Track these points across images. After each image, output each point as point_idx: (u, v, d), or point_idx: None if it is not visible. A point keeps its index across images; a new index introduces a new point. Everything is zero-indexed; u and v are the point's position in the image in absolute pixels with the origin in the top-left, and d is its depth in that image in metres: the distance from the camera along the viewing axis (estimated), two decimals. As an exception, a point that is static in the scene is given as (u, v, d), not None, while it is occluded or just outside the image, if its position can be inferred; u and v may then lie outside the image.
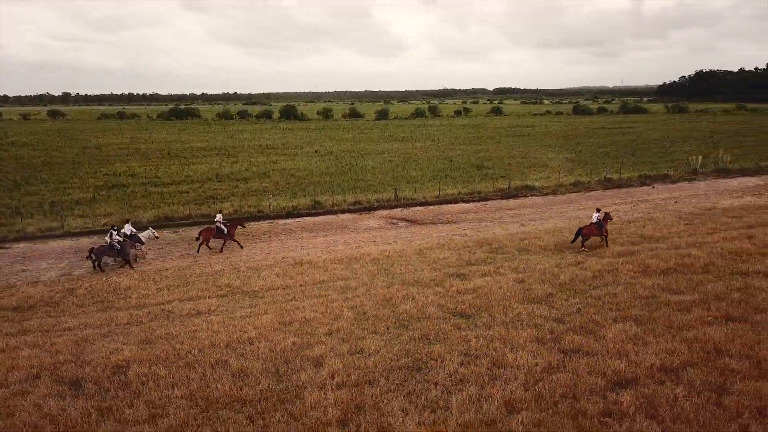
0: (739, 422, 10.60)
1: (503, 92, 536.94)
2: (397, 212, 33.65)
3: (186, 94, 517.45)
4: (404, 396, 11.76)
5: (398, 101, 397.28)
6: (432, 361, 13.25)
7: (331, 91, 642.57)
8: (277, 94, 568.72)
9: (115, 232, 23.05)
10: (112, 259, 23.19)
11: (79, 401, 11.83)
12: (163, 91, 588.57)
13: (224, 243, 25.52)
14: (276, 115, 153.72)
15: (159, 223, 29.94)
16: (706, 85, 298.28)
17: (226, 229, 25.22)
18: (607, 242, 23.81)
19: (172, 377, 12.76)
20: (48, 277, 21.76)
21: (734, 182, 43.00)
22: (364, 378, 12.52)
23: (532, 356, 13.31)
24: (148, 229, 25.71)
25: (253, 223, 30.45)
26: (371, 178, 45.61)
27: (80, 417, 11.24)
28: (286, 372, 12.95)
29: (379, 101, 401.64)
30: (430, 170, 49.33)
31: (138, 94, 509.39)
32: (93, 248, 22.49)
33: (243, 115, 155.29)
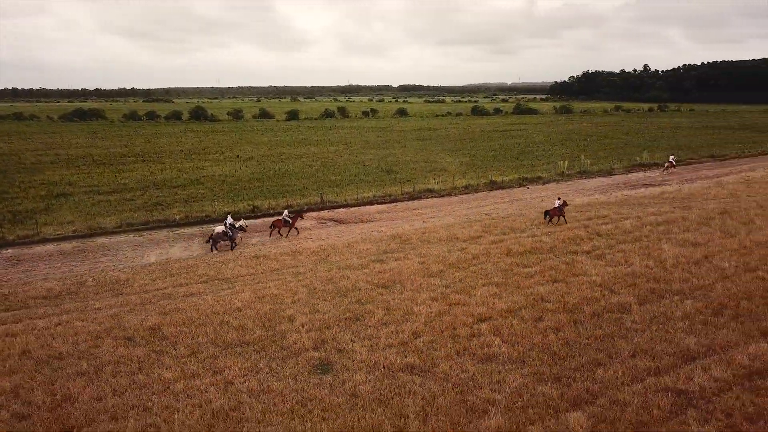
0: (544, 333, 18.65)
1: (408, 89, 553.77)
2: (325, 214, 40.65)
3: (78, 90, 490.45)
4: (350, 333, 18.89)
5: (305, 98, 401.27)
6: (366, 314, 20.44)
7: (234, 86, 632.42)
8: (178, 89, 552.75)
9: (228, 221, 30.54)
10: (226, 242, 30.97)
11: (138, 348, 17.99)
12: (52, 86, 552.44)
13: (289, 230, 34.06)
14: (186, 116, 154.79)
15: (122, 229, 35.07)
16: (592, 85, 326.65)
17: (290, 220, 33.91)
18: (565, 220, 34.45)
19: (194, 332, 19.13)
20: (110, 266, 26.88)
21: (591, 182, 53.56)
22: (323, 326, 19.51)
23: (428, 308, 20.85)
24: (241, 219, 33.67)
25: (205, 226, 36.26)
26: (296, 183, 52.18)
27: (144, 355, 17.46)
28: (271, 325, 19.67)
29: (285, 97, 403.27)
30: (348, 175, 56.58)
31: (24, 90, 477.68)
32: (211, 235, 30.42)
33: (151, 116, 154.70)
